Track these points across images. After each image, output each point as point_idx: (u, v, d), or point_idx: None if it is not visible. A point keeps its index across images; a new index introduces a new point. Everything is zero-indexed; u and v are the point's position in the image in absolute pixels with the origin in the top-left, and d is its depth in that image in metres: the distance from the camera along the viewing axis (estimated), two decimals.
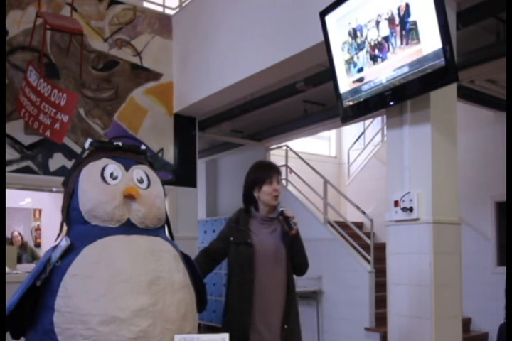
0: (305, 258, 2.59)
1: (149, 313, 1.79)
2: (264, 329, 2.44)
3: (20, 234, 6.96)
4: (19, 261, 6.02)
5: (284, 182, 6.73)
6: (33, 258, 6.53)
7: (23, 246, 6.77)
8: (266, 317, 2.45)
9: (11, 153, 4.27)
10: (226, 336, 1.79)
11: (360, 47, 2.99)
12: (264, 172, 2.56)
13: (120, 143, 2.12)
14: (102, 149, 2.09)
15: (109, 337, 1.72)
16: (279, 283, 2.51)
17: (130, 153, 2.13)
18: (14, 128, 4.29)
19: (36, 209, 8.06)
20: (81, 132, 4.65)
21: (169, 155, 5.22)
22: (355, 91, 3.10)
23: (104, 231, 1.90)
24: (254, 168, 2.63)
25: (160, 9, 5.59)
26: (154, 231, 2.03)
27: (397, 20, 2.74)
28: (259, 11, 4.15)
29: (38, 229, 8.02)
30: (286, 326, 2.48)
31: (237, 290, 2.48)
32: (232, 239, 2.55)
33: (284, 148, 7.14)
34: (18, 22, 4.41)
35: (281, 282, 2.51)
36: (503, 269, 2.64)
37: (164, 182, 2.20)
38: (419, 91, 2.79)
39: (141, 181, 2.03)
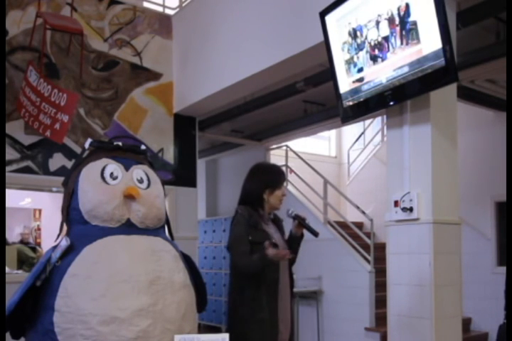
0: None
1: (149, 313, 1.79)
2: (283, 327, 2.52)
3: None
4: None
5: None
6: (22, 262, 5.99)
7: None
8: (283, 315, 2.53)
9: (11, 153, 4.27)
10: (226, 336, 1.79)
11: (360, 47, 2.98)
12: (278, 176, 2.65)
13: (120, 143, 2.12)
14: (101, 149, 2.09)
15: (109, 337, 1.72)
16: (288, 281, 2.61)
17: (130, 153, 2.13)
18: (14, 128, 4.29)
19: (36, 209, 8.06)
20: (81, 132, 4.65)
21: (169, 155, 5.22)
22: (355, 91, 3.09)
23: (104, 231, 1.91)
24: (267, 170, 2.67)
25: (160, 9, 5.58)
26: (154, 231, 2.03)
27: (397, 20, 2.73)
28: (259, 11, 4.15)
29: (38, 229, 8.02)
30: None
31: (265, 290, 2.47)
32: (250, 238, 2.47)
33: (284, 148, 7.13)
34: (18, 22, 4.41)
35: (289, 280, 2.62)
36: (503, 269, 2.63)
37: (164, 182, 2.20)
38: (419, 91, 2.79)
39: (141, 181, 2.03)
